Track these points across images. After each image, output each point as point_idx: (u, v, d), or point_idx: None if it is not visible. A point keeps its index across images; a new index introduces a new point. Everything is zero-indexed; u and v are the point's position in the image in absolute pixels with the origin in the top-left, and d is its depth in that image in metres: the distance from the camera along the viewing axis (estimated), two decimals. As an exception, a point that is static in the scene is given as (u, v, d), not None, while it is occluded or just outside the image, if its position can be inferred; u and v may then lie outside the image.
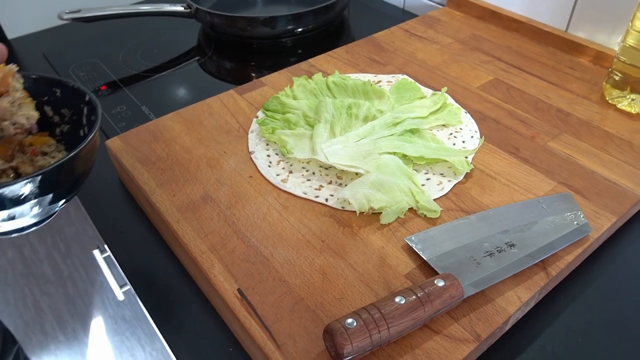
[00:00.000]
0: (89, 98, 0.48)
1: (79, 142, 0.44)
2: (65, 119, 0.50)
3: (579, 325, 0.44)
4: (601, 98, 0.66)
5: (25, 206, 0.40)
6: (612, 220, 0.49)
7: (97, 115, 0.46)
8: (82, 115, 0.49)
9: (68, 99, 0.49)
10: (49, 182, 0.40)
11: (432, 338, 0.40)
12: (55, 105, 0.50)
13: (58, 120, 0.51)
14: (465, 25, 0.85)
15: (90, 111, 0.48)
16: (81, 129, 0.49)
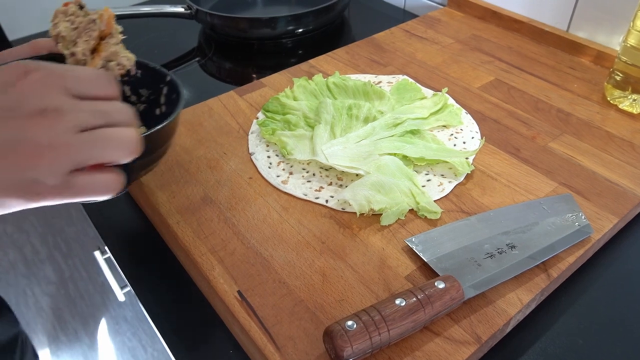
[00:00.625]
0: (170, 79, 0.52)
1: (154, 120, 0.49)
2: (142, 99, 0.54)
3: (580, 327, 0.44)
4: (602, 98, 0.66)
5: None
6: (613, 222, 0.49)
7: (180, 93, 0.50)
8: (161, 95, 0.53)
9: (148, 79, 0.53)
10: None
11: (433, 340, 0.40)
12: (134, 85, 0.54)
13: (135, 100, 0.54)
14: (465, 25, 0.85)
15: (171, 90, 0.52)
16: (158, 107, 0.53)
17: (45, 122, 0.28)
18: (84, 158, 0.30)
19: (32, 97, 0.29)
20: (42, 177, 0.29)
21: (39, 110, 0.29)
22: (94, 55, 0.43)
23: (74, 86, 0.31)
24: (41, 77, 0.29)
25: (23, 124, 0.28)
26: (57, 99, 0.30)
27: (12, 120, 0.28)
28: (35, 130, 0.28)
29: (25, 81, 0.29)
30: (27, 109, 0.28)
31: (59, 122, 0.29)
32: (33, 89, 0.29)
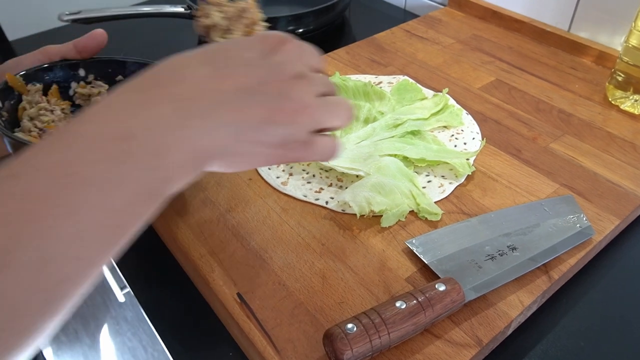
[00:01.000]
0: None
1: None
2: None
3: (582, 329, 0.44)
4: (604, 99, 0.66)
5: None
6: (615, 223, 0.49)
7: None
8: None
9: None
10: None
11: (433, 343, 0.39)
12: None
13: None
14: (466, 25, 0.85)
15: None
16: None
17: (300, 85, 0.32)
18: (323, 119, 0.33)
19: (290, 62, 0.32)
20: (297, 133, 0.32)
21: (296, 75, 0.32)
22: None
23: (309, 59, 0.35)
24: (293, 47, 0.33)
25: (285, 85, 0.31)
26: (303, 65, 0.33)
27: (277, 81, 0.31)
28: (295, 91, 0.31)
29: (284, 48, 0.33)
30: (287, 72, 0.32)
31: (309, 86, 0.32)
32: (290, 56, 0.33)
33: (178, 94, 0.28)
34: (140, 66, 0.54)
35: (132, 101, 0.28)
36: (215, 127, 0.28)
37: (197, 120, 0.28)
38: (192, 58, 0.31)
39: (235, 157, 0.31)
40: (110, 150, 0.25)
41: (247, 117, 0.29)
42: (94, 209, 0.25)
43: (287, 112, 0.31)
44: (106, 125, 0.26)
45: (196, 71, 0.30)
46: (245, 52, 0.32)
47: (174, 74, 0.29)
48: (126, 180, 0.25)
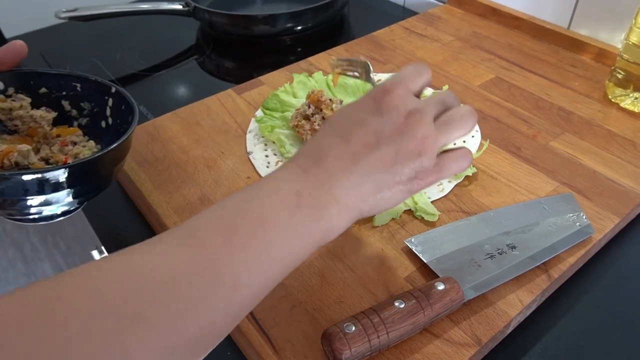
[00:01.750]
0: (115, 90, 0.51)
1: (101, 132, 0.52)
2: (85, 112, 0.53)
3: (581, 329, 0.43)
4: (604, 96, 0.66)
5: (62, 193, 0.43)
6: (614, 221, 0.49)
7: (132, 104, 0.50)
8: (106, 107, 0.52)
9: (89, 92, 0.53)
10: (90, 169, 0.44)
11: (432, 342, 0.39)
12: (73, 100, 0.53)
13: (76, 114, 0.53)
14: (466, 22, 0.84)
15: (119, 102, 0.51)
16: (103, 120, 0.53)
17: (414, 121, 0.36)
18: (445, 140, 0.37)
19: (396, 107, 0.36)
20: (425, 163, 0.36)
21: (406, 114, 0.36)
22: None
23: (413, 86, 0.38)
24: (395, 90, 0.37)
25: (401, 128, 0.36)
26: (411, 101, 0.37)
27: (393, 128, 0.36)
28: (411, 129, 0.35)
29: (388, 97, 0.37)
30: (398, 116, 0.36)
31: (422, 118, 0.36)
32: (395, 100, 0.36)
33: (326, 163, 0.35)
34: (62, 77, 0.52)
35: (295, 171, 0.35)
36: (357, 183, 0.34)
37: (343, 181, 0.34)
38: (325, 133, 0.37)
39: (379, 201, 0.36)
40: (286, 202, 0.33)
41: (378, 167, 0.35)
42: (273, 246, 0.31)
43: (410, 150, 0.35)
44: (282, 186, 0.34)
45: (331, 143, 0.36)
46: (360, 114, 0.37)
47: (319, 150, 0.36)
48: (297, 226, 0.32)
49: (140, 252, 0.29)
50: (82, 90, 0.52)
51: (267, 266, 0.31)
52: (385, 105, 0.36)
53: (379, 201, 0.36)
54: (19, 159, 0.45)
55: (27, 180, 0.40)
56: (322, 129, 0.38)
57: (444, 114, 0.38)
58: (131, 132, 0.46)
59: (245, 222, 0.31)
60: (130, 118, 0.48)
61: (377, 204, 0.36)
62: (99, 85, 0.52)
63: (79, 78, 0.52)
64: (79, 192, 0.45)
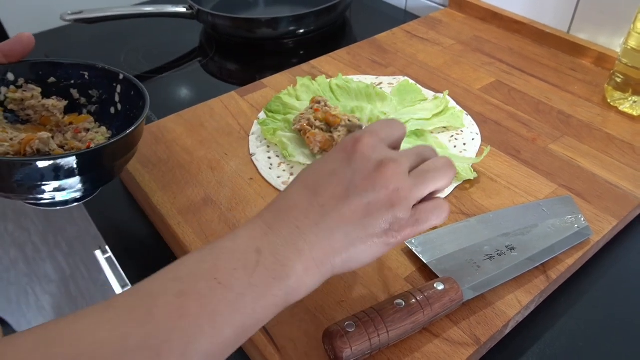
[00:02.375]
0: (123, 77, 0.53)
1: (111, 119, 0.54)
2: (93, 100, 0.55)
3: (580, 329, 0.44)
4: (603, 100, 0.66)
5: (75, 179, 0.44)
6: (613, 224, 0.49)
7: (143, 90, 0.51)
8: (114, 94, 0.54)
9: (97, 80, 0.54)
10: (108, 153, 0.45)
11: (432, 341, 0.40)
12: (81, 88, 0.54)
13: (85, 102, 0.55)
14: (467, 26, 0.85)
15: (128, 88, 0.53)
16: (112, 106, 0.54)
17: (387, 172, 0.34)
18: (419, 193, 0.35)
19: (368, 155, 0.35)
20: (400, 215, 0.34)
21: (378, 164, 0.35)
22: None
23: (386, 137, 0.37)
24: (366, 141, 0.36)
25: (372, 178, 0.34)
26: (383, 150, 0.36)
27: (364, 178, 0.34)
28: (383, 179, 0.34)
29: (358, 145, 0.35)
30: (369, 167, 0.35)
31: (396, 169, 0.35)
32: (366, 151, 0.35)
33: (291, 217, 0.34)
34: (70, 67, 0.53)
35: (257, 225, 0.34)
36: (325, 236, 0.33)
37: (310, 235, 0.33)
38: (293, 186, 0.36)
39: (352, 255, 0.34)
40: (244, 261, 0.31)
41: (349, 218, 0.33)
42: (230, 309, 0.30)
43: (382, 202, 0.34)
44: (242, 243, 0.32)
45: (299, 196, 0.35)
46: (329, 166, 0.36)
47: (285, 205, 0.35)
48: (256, 286, 0.30)
49: (90, 319, 0.28)
50: (90, 78, 0.54)
51: (222, 332, 0.29)
52: (355, 155, 0.35)
53: (352, 255, 0.34)
54: (40, 146, 0.46)
55: (60, 165, 0.42)
56: (291, 184, 0.36)
57: (420, 165, 0.37)
58: (145, 115, 0.48)
59: (198, 286, 0.29)
60: (142, 103, 0.50)
61: (351, 258, 0.34)
62: (106, 72, 0.53)
63: (87, 66, 0.54)
64: (95, 177, 0.46)
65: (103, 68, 0.53)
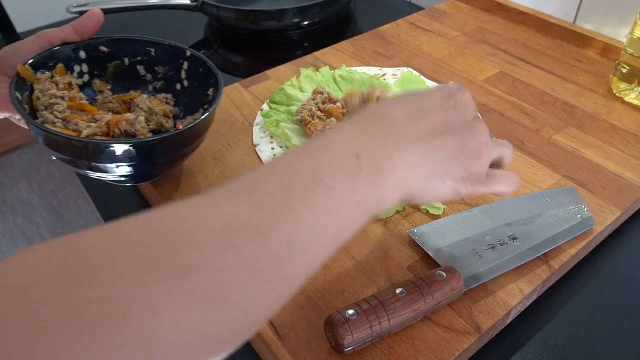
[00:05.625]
0: (191, 54, 0.54)
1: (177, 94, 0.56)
2: (159, 76, 0.56)
3: (582, 319, 0.44)
4: (608, 91, 0.66)
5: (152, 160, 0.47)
6: (616, 214, 0.49)
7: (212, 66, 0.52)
8: (181, 70, 0.55)
9: (163, 56, 0.55)
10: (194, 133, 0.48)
11: (433, 330, 0.40)
12: (148, 64, 0.56)
13: (151, 78, 0.56)
14: (471, 18, 0.85)
15: (195, 65, 0.54)
16: (179, 82, 0.56)
17: (481, 126, 0.36)
18: (496, 156, 0.38)
19: (470, 105, 0.37)
20: (478, 168, 0.36)
21: (475, 117, 0.37)
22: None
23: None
24: (467, 95, 0.38)
25: (469, 126, 0.36)
26: (473, 112, 0.38)
27: (462, 122, 0.36)
28: (476, 131, 0.36)
29: (464, 95, 0.37)
30: (468, 115, 0.36)
31: (486, 128, 0.37)
32: (469, 99, 0.38)
33: (387, 129, 0.33)
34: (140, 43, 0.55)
35: (355, 131, 0.33)
36: (416, 160, 0.33)
37: (405, 154, 0.33)
38: (393, 103, 0.36)
39: (429, 187, 0.34)
40: (345, 165, 0.30)
41: (441, 152, 0.34)
42: (333, 209, 0.29)
43: (472, 149, 0.35)
44: (340, 146, 0.31)
45: (401, 113, 0.34)
46: (433, 99, 0.36)
47: (382, 115, 0.34)
48: (355, 192, 0.30)
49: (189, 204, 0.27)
50: (156, 55, 0.55)
51: (324, 230, 0.28)
52: (459, 100, 0.37)
53: (428, 187, 0.34)
54: (127, 127, 0.48)
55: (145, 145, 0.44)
56: (390, 100, 0.37)
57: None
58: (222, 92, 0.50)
59: (302, 180, 0.29)
60: (213, 80, 0.51)
61: (426, 189, 0.34)
62: (173, 49, 0.55)
63: (153, 43, 0.55)
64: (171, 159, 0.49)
65: (170, 44, 0.54)
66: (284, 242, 0.26)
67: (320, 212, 0.28)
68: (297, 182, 0.28)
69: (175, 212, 0.26)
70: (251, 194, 0.27)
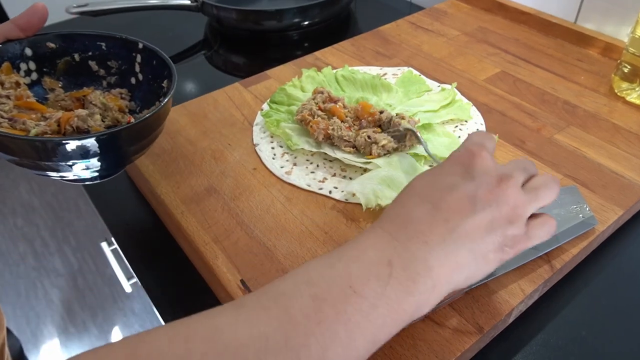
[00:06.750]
0: (143, 45, 0.53)
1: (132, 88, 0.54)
2: (113, 71, 0.54)
3: (583, 319, 0.44)
4: (610, 90, 0.66)
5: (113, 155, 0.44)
6: (618, 214, 0.49)
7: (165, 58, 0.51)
8: (134, 63, 0.54)
9: (115, 50, 0.53)
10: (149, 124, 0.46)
11: (434, 330, 0.40)
12: (100, 59, 0.54)
13: (104, 73, 0.55)
14: (472, 17, 0.84)
15: (148, 57, 0.53)
16: (133, 76, 0.54)
17: (506, 187, 0.35)
18: (533, 208, 0.36)
19: (490, 169, 0.36)
20: (516, 231, 0.35)
21: (499, 178, 0.35)
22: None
23: (491, 149, 0.38)
24: (485, 154, 0.36)
25: (494, 194, 0.34)
26: (499, 166, 0.36)
27: (486, 193, 0.34)
28: (504, 196, 0.35)
29: (479, 160, 0.36)
30: (492, 180, 0.35)
31: (515, 185, 0.35)
32: (487, 163, 0.36)
33: (414, 231, 0.33)
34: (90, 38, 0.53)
35: (385, 238, 0.33)
36: (452, 253, 0.33)
37: (438, 252, 0.32)
38: (410, 198, 0.36)
39: (473, 271, 0.34)
40: (376, 272, 0.31)
41: (473, 235, 0.33)
42: (364, 319, 0.29)
43: (505, 216, 0.34)
44: (372, 254, 0.32)
45: (420, 210, 0.34)
46: (447, 179, 0.35)
47: (408, 217, 0.34)
48: (388, 298, 0.30)
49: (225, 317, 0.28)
50: (107, 49, 0.53)
51: (355, 342, 0.29)
52: (475, 169, 0.35)
53: (473, 271, 0.34)
54: (79, 124, 0.46)
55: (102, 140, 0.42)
56: (405, 195, 0.36)
57: (529, 181, 0.37)
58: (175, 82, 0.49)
59: (333, 292, 0.29)
60: (167, 72, 0.50)
61: (473, 274, 0.34)
62: (124, 42, 0.53)
63: (104, 37, 0.53)
64: (134, 151, 0.47)
65: (121, 37, 0.53)
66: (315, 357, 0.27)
67: (352, 323, 0.29)
68: (327, 294, 0.29)
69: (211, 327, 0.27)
70: (285, 309, 0.28)
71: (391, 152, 0.53)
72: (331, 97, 0.58)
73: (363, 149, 0.53)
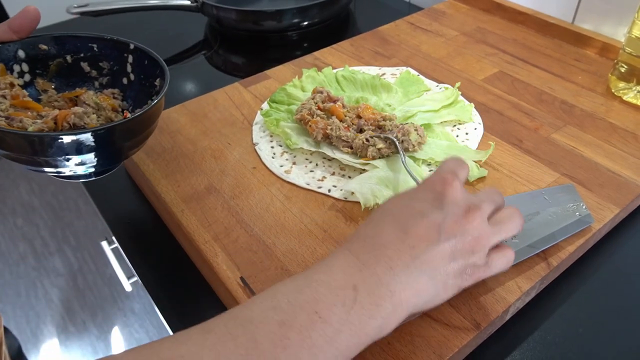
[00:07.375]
0: (134, 46, 0.53)
1: (124, 89, 0.54)
2: (104, 71, 0.55)
3: (580, 316, 0.44)
4: (607, 90, 0.66)
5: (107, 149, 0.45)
6: (614, 212, 0.49)
7: (157, 58, 0.51)
8: (126, 64, 0.54)
9: (107, 51, 0.54)
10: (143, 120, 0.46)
11: (432, 326, 0.40)
12: (92, 61, 0.54)
13: (96, 74, 0.55)
14: (470, 17, 0.85)
15: (140, 57, 0.53)
16: (125, 77, 0.54)
17: (475, 219, 0.36)
18: (495, 240, 0.37)
19: (459, 200, 0.37)
20: (477, 261, 0.36)
21: (467, 209, 0.36)
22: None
23: (463, 178, 0.39)
24: (456, 183, 0.37)
25: (460, 224, 0.36)
26: (468, 196, 0.37)
27: (452, 223, 0.36)
28: (469, 226, 0.36)
29: (450, 190, 0.37)
30: (460, 211, 0.36)
31: (481, 216, 0.36)
32: (457, 193, 0.37)
33: (381, 255, 0.34)
34: (81, 40, 0.53)
35: (353, 261, 0.34)
36: (414, 278, 0.34)
37: (401, 277, 0.34)
38: (383, 219, 0.37)
39: (432, 297, 0.35)
40: (342, 297, 0.32)
41: (436, 262, 0.35)
42: (328, 344, 0.30)
43: (468, 246, 0.36)
44: (338, 278, 0.33)
45: (389, 234, 0.35)
46: (418, 205, 0.37)
47: (376, 241, 0.35)
48: (352, 323, 0.31)
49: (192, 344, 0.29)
50: (99, 50, 0.54)
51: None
52: (446, 198, 0.36)
53: (432, 297, 0.35)
54: (76, 121, 0.47)
55: (98, 135, 0.42)
56: (380, 215, 0.37)
57: (496, 213, 0.39)
58: (167, 81, 0.49)
59: (299, 318, 0.30)
60: (159, 71, 0.50)
61: (431, 299, 0.35)
62: (116, 43, 0.53)
63: (95, 38, 0.53)
64: (128, 147, 0.47)
65: (112, 39, 0.53)
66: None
67: (316, 349, 0.30)
68: (294, 321, 0.30)
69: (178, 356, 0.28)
70: (251, 336, 0.29)
71: (385, 156, 0.54)
72: (330, 97, 0.59)
73: (360, 151, 0.54)
